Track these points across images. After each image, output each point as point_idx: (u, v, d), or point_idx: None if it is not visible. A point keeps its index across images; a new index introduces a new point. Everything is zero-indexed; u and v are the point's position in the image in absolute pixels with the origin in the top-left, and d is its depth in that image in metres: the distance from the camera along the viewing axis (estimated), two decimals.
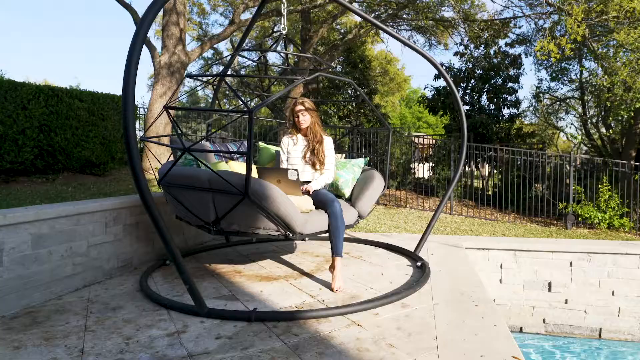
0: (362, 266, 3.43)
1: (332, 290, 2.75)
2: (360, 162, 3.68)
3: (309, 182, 3.20)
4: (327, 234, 2.94)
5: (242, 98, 2.58)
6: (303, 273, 3.23)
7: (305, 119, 3.24)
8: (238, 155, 3.94)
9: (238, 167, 3.48)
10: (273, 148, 4.08)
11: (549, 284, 4.40)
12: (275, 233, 2.71)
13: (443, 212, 8.85)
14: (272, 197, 2.51)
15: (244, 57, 3.74)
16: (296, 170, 2.76)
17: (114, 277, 3.24)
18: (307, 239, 2.99)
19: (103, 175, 6.12)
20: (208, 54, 22.52)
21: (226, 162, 3.64)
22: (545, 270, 4.40)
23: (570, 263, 4.36)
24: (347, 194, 3.51)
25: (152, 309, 2.49)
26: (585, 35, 6.19)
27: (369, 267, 3.41)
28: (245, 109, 2.39)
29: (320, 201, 3.02)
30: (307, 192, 3.10)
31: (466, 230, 6.86)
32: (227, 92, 23.49)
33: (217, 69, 22.68)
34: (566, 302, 4.38)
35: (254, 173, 2.97)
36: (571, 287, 4.37)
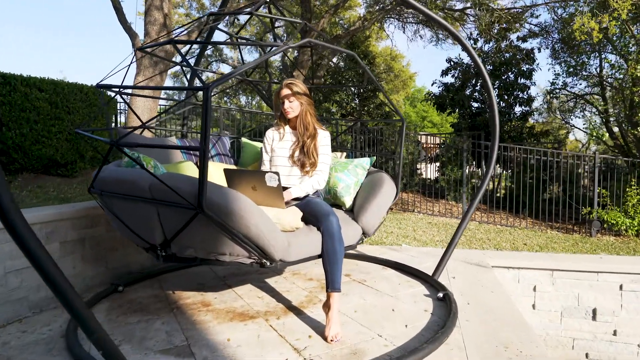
0: (366, 296, 2.67)
1: (325, 339, 1.99)
2: (365, 162, 2.92)
3: None
4: (320, 259, 2.18)
5: (200, 76, 1.81)
6: (289, 308, 2.47)
7: (293, 106, 2.48)
8: (213, 153, 3.19)
9: (210, 168, 2.72)
10: (259, 145, 3.34)
11: (594, 311, 3.63)
12: (247, 261, 1.95)
13: (455, 217, 8.09)
14: (239, 211, 1.76)
15: (220, 29, 2.99)
16: (276, 173, 2.00)
17: (44, 310, 2.50)
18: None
19: (71, 176, 5.38)
20: (208, 50, 21.80)
21: (195, 163, 2.90)
22: (589, 294, 3.63)
23: (620, 286, 3.59)
24: (348, 203, 2.75)
25: None
26: (629, 14, 5.41)
27: (375, 297, 2.65)
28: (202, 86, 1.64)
29: (311, 214, 2.26)
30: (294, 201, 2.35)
31: (482, 239, 6.09)
32: (227, 90, 22.75)
33: (216, 66, 21.93)
34: (614, 334, 3.61)
35: (221, 177, 2.21)
36: (621, 316, 3.60)
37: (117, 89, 2.43)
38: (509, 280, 3.70)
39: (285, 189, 2.38)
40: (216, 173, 2.65)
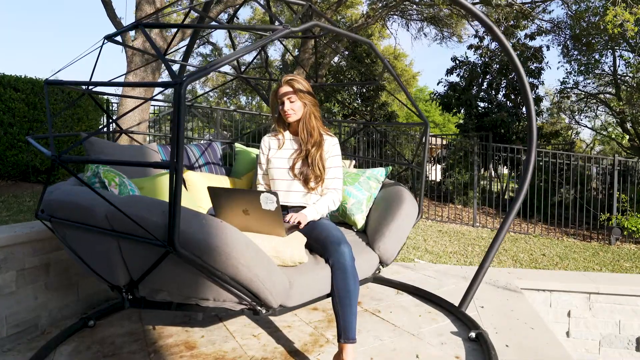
0: (383, 334, 2.23)
1: None
2: (379, 173, 2.49)
3: (300, 207, 2.01)
4: (329, 297, 1.75)
5: (171, 66, 1.33)
6: (291, 352, 2.03)
7: (295, 107, 2.04)
8: (202, 162, 2.76)
9: (198, 180, 2.30)
10: (255, 151, 2.91)
11: (637, 340, 3.20)
12: (236, 307, 1.52)
13: (465, 224, 7.65)
14: (225, 248, 1.32)
15: (211, 18, 2.57)
16: (275, 194, 1.57)
17: None
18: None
19: (54, 183, 4.96)
20: (207, 49, 21.36)
21: None
22: (632, 321, 3.19)
23: None
24: (360, 222, 2.31)
25: None
26: None
27: (394, 336, 2.21)
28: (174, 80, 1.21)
29: (318, 240, 1.83)
30: (295, 226, 1.90)
31: (498, 249, 5.66)
32: (227, 91, 22.30)
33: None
34: None
35: (203, 200, 1.78)
36: None
37: (86, 86, 2.01)
38: (539, 304, 3.26)
39: (284, 208, 1.94)
40: (206, 185, 2.22)
